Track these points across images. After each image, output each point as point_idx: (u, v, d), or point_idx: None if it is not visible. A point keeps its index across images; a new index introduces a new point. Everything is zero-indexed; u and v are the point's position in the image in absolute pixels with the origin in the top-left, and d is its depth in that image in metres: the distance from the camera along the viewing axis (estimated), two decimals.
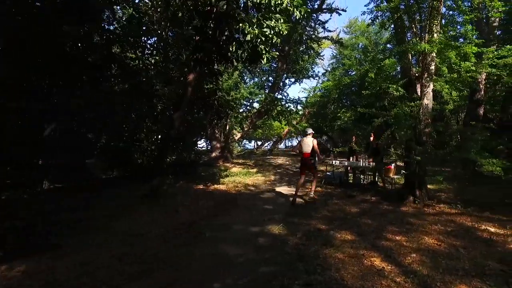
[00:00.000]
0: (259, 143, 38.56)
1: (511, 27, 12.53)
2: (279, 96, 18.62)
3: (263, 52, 6.40)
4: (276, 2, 6.28)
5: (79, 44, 7.28)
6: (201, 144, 18.91)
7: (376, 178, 9.39)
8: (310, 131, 7.60)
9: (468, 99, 10.78)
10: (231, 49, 6.84)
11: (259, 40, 6.40)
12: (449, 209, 6.36)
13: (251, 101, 17.51)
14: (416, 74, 7.48)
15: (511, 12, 10.37)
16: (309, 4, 15.94)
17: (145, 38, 8.29)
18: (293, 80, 19.52)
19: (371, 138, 9.14)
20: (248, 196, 8.32)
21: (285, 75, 18.17)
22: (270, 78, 18.91)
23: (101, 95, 7.93)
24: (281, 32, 6.65)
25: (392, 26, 8.13)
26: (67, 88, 7.43)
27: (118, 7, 8.71)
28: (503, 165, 5.56)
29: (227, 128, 16.77)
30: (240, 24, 6.37)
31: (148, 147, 10.37)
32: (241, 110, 17.85)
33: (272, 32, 6.30)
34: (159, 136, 9.98)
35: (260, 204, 7.40)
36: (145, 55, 7.71)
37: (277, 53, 7.62)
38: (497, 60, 6.79)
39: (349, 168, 9.89)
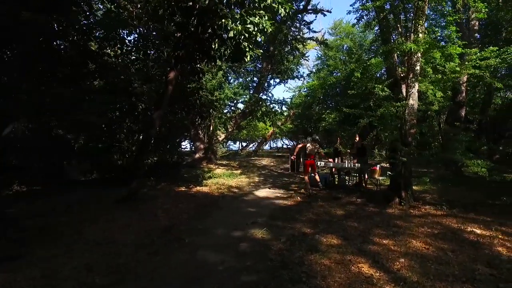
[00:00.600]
0: (244, 144, 38.30)
1: (489, 31, 12.81)
2: (264, 97, 18.45)
3: (247, 49, 6.16)
4: None
5: (54, 38, 6.87)
6: (185, 145, 18.52)
7: (362, 179, 9.31)
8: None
9: (450, 100, 10.89)
10: (213, 46, 6.58)
11: (242, 37, 6.16)
12: (434, 211, 6.29)
13: (235, 101, 17.26)
14: (401, 75, 7.42)
15: (489, 15, 10.52)
16: (294, 4, 15.85)
17: (124, 34, 7.91)
18: (278, 80, 19.37)
19: (356, 139, 9.05)
20: (231, 199, 8.06)
21: (270, 75, 17.98)
22: (255, 79, 18.70)
23: (77, 93, 7.50)
24: (265, 30, 6.43)
25: (377, 26, 8.08)
26: (39, 85, 6.99)
27: (96, 1, 8.30)
28: (487, 166, 5.52)
29: (211, 129, 16.43)
30: (223, 20, 6.12)
31: (128, 148, 9.95)
32: (225, 111, 17.56)
33: (255, 29, 6.07)
34: (140, 137, 9.56)
35: (244, 207, 7.16)
36: (123, 51, 7.33)
37: (261, 51, 7.37)
38: (480, 61, 6.81)
39: (333, 169, 9.77)
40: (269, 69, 17.25)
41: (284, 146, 38.67)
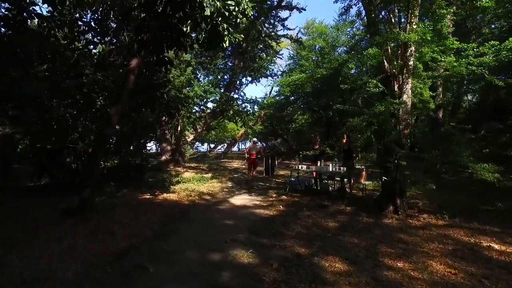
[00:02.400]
0: (212, 145, 37.02)
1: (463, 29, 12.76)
2: (236, 96, 17.46)
3: (225, 32, 5.17)
4: None
5: None
6: (150, 146, 17.04)
7: (345, 184, 8.63)
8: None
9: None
10: (185, 29, 5.52)
11: (220, 17, 5.17)
12: (435, 220, 5.67)
13: (205, 100, 16.07)
14: (393, 70, 6.80)
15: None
16: (268, 1, 15.09)
17: (77, 13, 6.57)
18: (250, 79, 18.47)
19: (344, 140, 8.35)
20: (203, 208, 6.99)
21: (241, 73, 17.03)
22: (226, 76, 17.65)
23: (15, 82, 6.09)
24: (246, 12, 5.49)
25: (365, 19, 7.44)
26: None
27: None
28: (495, 170, 4.98)
29: (179, 129, 15.17)
30: None
31: (84, 150, 8.54)
32: (194, 110, 16.34)
33: (236, 8, 5.10)
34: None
35: (219, 219, 6.13)
36: (74, 33, 6.01)
37: (242, 36, 6.42)
38: (473, 59, 6.32)
39: (314, 174, 9.00)
40: (241, 67, 16.30)
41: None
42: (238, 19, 5.15)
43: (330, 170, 8.01)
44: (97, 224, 5.40)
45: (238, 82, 17.14)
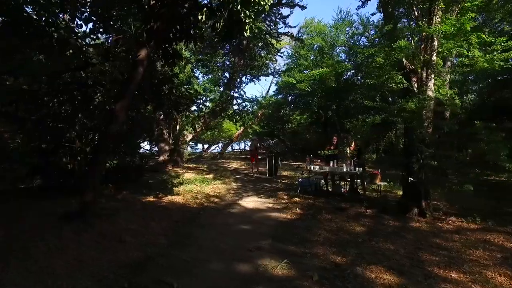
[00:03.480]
0: (206, 146, 36.37)
1: None
2: (236, 95, 17.00)
3: (247, 20, 4.72)
4: None
5: None
6: (144, 146, 16.40)
7: (357, 185, 8.27)
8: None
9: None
10: (200, 17, 5.05)
11: (239, 5, 4.71)
12: (466, 224, 5.35)
13: (204, 98, 15.55)
14: (412, 66, 6.45)
15: None
16: None
17: None
18: (249, 77, 18.00)
19: (353, 141, 7.99)
20: (214, 212, 6.54)
21: (242, 72, 16.56)
22: (226, 75, 17.15)
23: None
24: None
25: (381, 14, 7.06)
26: None
27: None
28: None
29: (177, 128, 14.64)
30: None
31: (81, 149, 7.96)
32: (192, 109, 15.80)
33: None
34: (96, 136, 7.64)
35: (234, 223, 5.68)
36: (75, 19, 5.45)
37: (262, 26, 5.99)
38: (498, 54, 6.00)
39: (326, 175, 8.59)
40: (242, 65, 15.84)
41: (247, 148, 37.34)
42: (260, 7, 4.70)
43: (344, 170, 7.64)
44: (102, 230, 4.88)
45: (238, 80, 16.66)
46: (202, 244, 4.45)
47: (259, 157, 14.06)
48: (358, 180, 8.25)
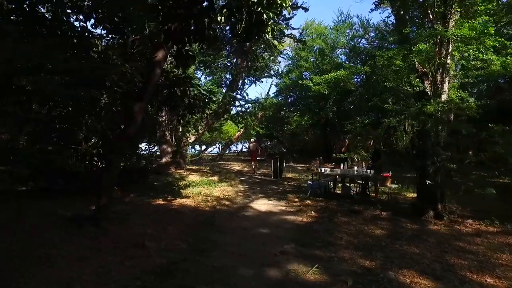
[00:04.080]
0: (203, 147, 36.18)
1: None
2: (238, 96, 16.92)
3: (269, 22, 4.66)
4: None
5: None
6: (143, 147, 16.19)
7: (367, 188, 8.24)
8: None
9: None
10: (219, 18, 4.98)
11: (260, 7, 4.64)
12: (484, 227, 5.35)
13: (207, 99, 15.42)
14: (424, 69, 6.45)
15: None
16: None
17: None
18: (252, 79, 17.93)
19: (370, 143, 7.98)
20: (228, 215, 6.45)
21: (245, 73, 16.48)
22: (228, 76, 17.07)
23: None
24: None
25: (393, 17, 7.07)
26: None
27: None
28: None
29: (180, 130, 14.51)
30: None
31: (87, 151, 7.81)
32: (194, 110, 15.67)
33: None
34: (103, 138, 7.49)
35: (251, 227, 5.60)
36: (89, 20, 5.32)
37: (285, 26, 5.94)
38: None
39: (337, 177, 8.56)
40: (244, 66, 15.77)
41: (244, 150, 37.18)
42: (282, 8, 4.65)
43: (355, 173, 7.61)
44: (118, 236, 4.77)
45: (240, 82, 16.58)
46: (225, 249, 4.37)
47: (258, 158, 15.47)
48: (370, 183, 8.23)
